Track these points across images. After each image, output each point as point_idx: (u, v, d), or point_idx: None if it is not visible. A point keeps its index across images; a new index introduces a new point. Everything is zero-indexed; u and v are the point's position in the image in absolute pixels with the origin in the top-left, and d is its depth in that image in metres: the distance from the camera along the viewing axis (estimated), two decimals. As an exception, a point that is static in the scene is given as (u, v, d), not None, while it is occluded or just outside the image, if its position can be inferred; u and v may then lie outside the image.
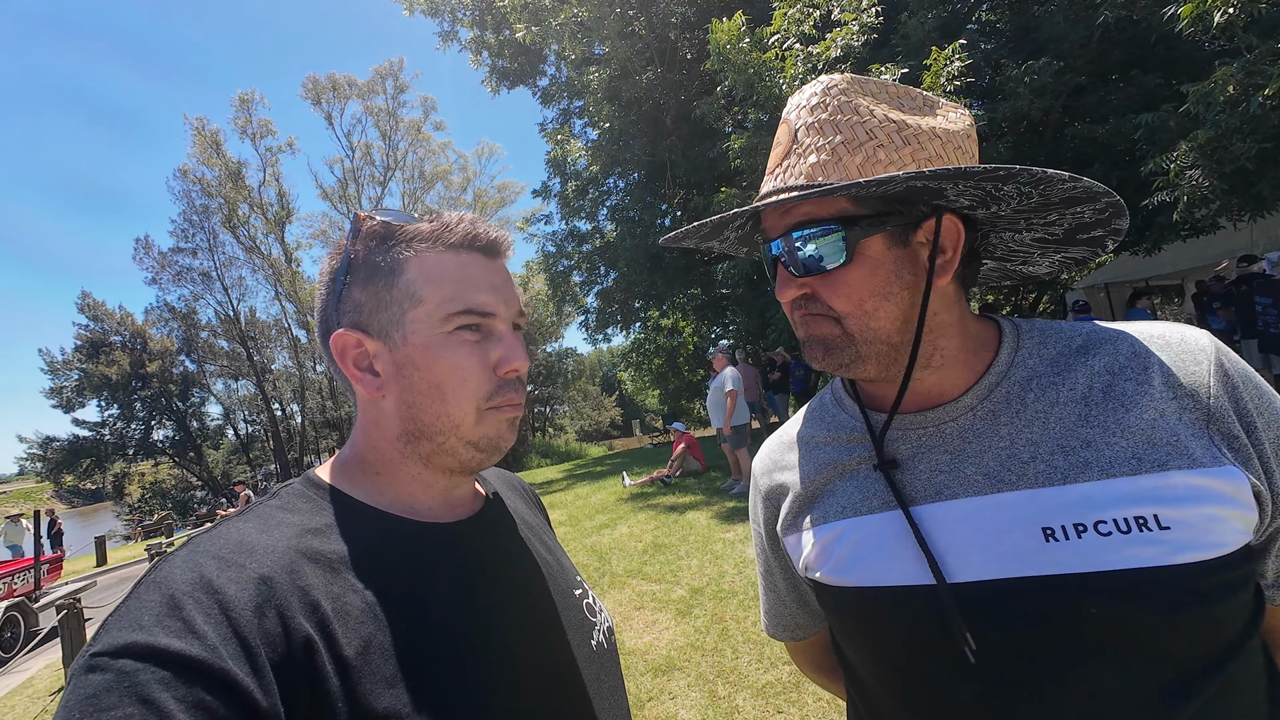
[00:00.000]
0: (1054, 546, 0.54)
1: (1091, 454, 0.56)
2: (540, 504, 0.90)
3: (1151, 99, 6.80)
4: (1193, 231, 7.33)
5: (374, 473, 0.64)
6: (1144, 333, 0.61)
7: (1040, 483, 0.57)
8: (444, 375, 0.59)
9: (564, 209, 15.02)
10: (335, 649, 0.48)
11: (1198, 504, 0.52)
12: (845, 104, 0.61)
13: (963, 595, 0.56)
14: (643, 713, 2.85)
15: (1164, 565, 0.51)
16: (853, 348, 0.61)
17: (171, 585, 0.46)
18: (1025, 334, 0.65)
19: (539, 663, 0.62)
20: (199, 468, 31.83)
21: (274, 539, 0.53)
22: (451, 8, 15.14)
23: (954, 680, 0.57)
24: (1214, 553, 0.51)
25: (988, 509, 0.58)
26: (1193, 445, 0.54)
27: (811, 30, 7.31)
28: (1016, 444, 0.59)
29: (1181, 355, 0.58)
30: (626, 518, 6.92)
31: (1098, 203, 0.57)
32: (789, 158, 0.62)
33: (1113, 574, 0.52)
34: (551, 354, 33.48)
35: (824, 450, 0.73)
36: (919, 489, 0.62)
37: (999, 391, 0.62)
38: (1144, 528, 0.52)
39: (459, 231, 0.62)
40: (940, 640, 0.57)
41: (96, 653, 0.42)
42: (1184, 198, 5.50)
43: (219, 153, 28.22)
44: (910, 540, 0.60)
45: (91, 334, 29.99)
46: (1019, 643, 0.54)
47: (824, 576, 0.67)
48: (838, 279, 0.60)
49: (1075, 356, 0.61)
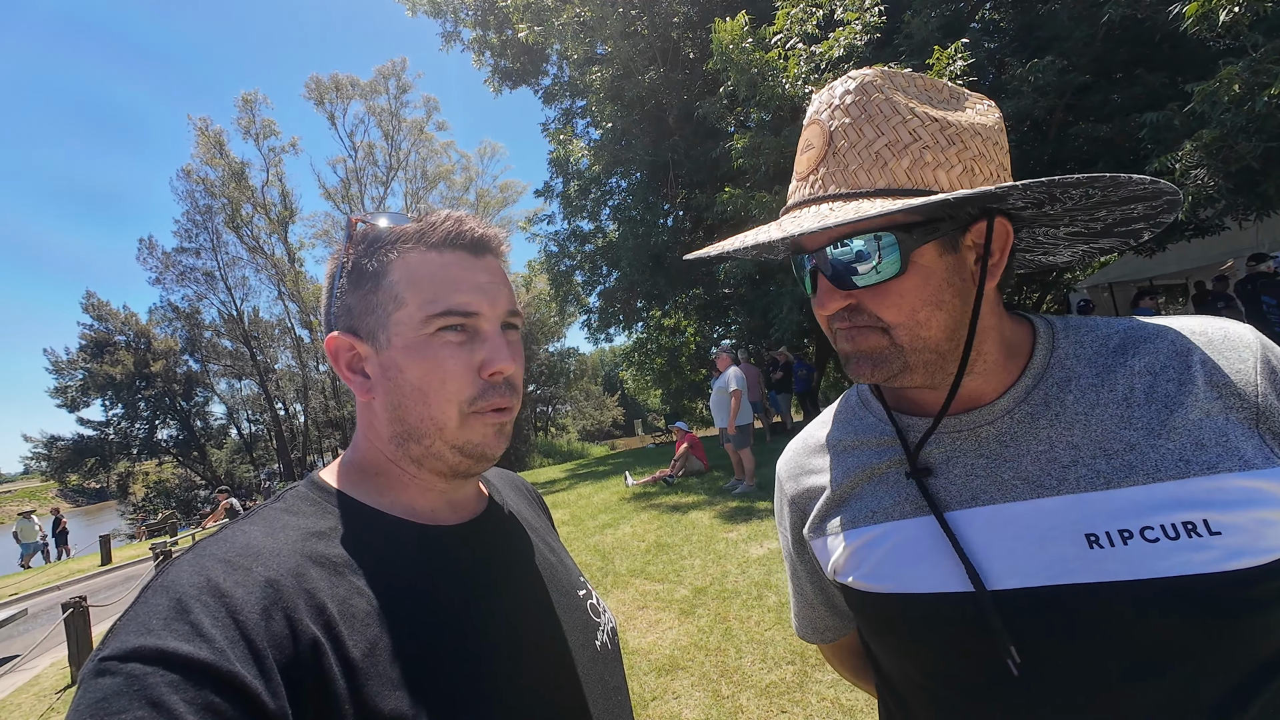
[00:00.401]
0: (1099, 553, 0.52)
1: (1135, 457, 0.54)
2: (543, 505, 0.90)
3: (1156, 98, 6.77)
4: (1197, 231, 7.30)
5: (374, 475, 0.64)
6: (1185, 328, 0.59)
7: (1083, 487, 0.55)
8: (424, 377, 0.59)
9: (566, 209, 15.03)
10: (342, 651, 0.49)
11: (1250, 508, 0.50)
12: (884, 102, 0.57)
13: (1004, 603, 0.55)
14: (646, 712, 2.85)
15: (1216, 572, 0.49)
16: (901, 358, 0.58)
17: (179, 589, 0.46)
18: (1061, 333, 0.63)
19: (543, 664, 0.62)
20: (202, 467, 31.95)
21: (279, 542, 0.53)
22: (454, 8, 15.16)
23: (994, 689, 0.56)
24: (1268, 557, 0.49)
25: (1028, 515, 0.56)
26: (1243, 446, 0.52)
27: (814, 30, 7.31)
28: (1056, 448, 0.57)
29: (1225, 352, 0.56)
30: (629, 517, 6.92)
31: (1158, 200, 0.55)
32: (825, 163, 0.58)
33: (1161, 581, 0.50)
34: (554, 354, 33.53)
35: (852, 454, 0.71)
36: (954, 494, 0.61)
37: (1036, 394, 0.60)
38: (1193, 533, 0.50)
39: (442, 230, 0.61)
40: (980, 648, 0.55)
41: (105, 656, 0.42)
42: (1189, 197, 5.48)
43: (222, 153, 28.32)
44: (947, 546, 0.59)
45: (96, 334, 30.16)
46: (1063, 652, 0.53)
47: (855, 581, 0.65)
48: (889, 290, 0.56)
49: (1114, 356, 0.59)
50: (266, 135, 29.19)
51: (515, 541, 0.72)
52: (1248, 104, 4.93)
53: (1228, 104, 5.06)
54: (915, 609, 0.60)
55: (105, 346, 29.89)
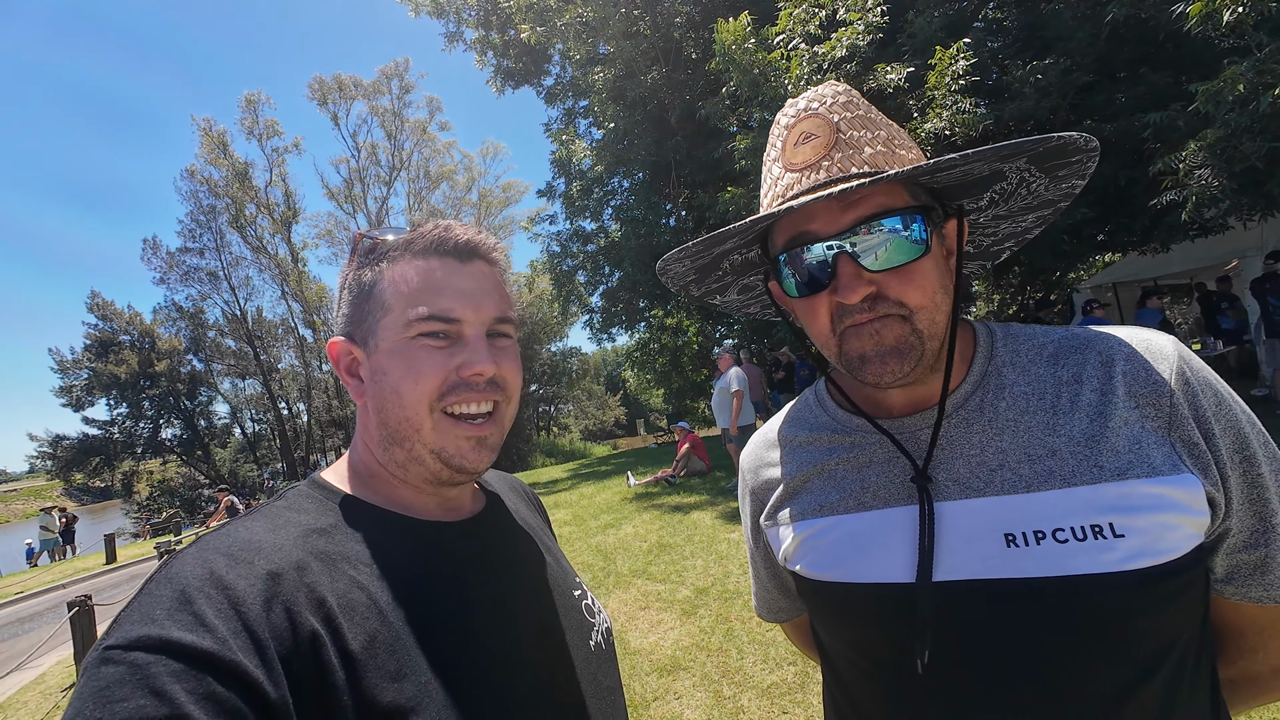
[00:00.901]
0: (1014, 552, 0.57)
1: (1056, 463, 0.58)
2: (541, 506, 0.91)
3: (1160, 98, 6.75)
4: (1201, 231, 7.26)
5: (370, 476, 0.66)
6: (1111, 339, 0.62)
7: (1006, 490, 0.59)
8: (400, 379, 0.60)
9: (569, 209, 15.02)
10: (341, 643, 0.49)
11: (1154, 512, 0.54)
12: (868, 105, 0.64)
13: (926, 594, 0.59)
14: (648, 712, 2.85)
15: (1116, 571, 0.53)
16: (920, 348, 0.59)
17: (182, 581, 0.47)
18: (1000, 341, 0.66)
19: (539, 661, 0.63)
20: (206, 466, 32.07)
21: (281, 537, 0.54)
22: (457, 9, 15.15)
23: (916, 672, 0.60)
24: (1165, 558, 0.53)
25: (957, 514, 0.60)
26: (1153, 453, 0.56)
27: (817, 30, 7.29)
28: (986, 452, 0.61)
29: (1145, 363, 0.59)
30: (631, 518, 6.92)
31: (1077, 159, 0.58)
32: (838, 148, 0.60)
33: (1068, 579, 0.54)
34: (556, 353, 33.52)
35: (805, 450, 0.75)
36: (894, 492, 0.65)
37: (973, 399, 0.64)
38: (1100, 535, 0.54)
39: (429, 237, 0.63)
40: (907, 636, 0.60)
41: (110, 645, 0.43)
42: (1193, 197, 5.45)
43: (226, 153, 28.39)
44: (886, 539, 0.63)
45: (101, 333, 30.27)
46: (976, 640, 0.58)
47: (803, 569, 0.70)
48: (914, 270, 0.58)
49: (1046, 365, 0.63)
50: (270, 135, 29.29)
51: (513, 540, 0.73)
52: (1252, 104, 4.91)
53: (1232, 104, 5.04)
54: (856, 596, 0.65)
55: (110, 346, 30.00)
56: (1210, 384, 0.59)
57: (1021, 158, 0.57)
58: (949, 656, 0.58)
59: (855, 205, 0.58)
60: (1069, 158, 0.58)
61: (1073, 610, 0.54)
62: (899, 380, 0.60)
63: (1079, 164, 0.59)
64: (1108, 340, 0.62)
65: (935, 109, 6.81)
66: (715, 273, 0.76)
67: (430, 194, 31.43)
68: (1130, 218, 7.88)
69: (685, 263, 0.70)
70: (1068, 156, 0.57)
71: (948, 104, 6.69)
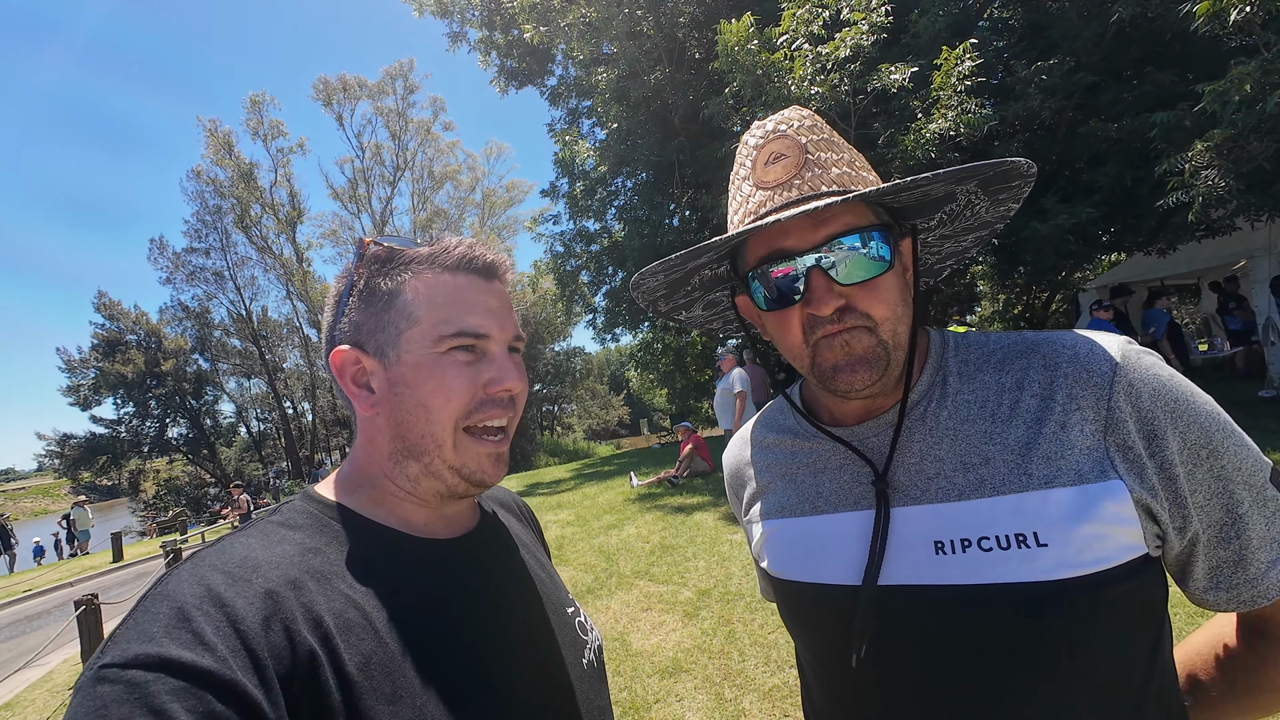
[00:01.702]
0: (941, 559, 0.58)
1: (988, 471, 0.59)
2: (534, 521, 0.91)
3: (1166, 97, 6.69)
4: (1209, 232, 7.21)
5: (370, 489, 0.65)
6: (1057, 343, 0.62)
7: (939, 498, 0.60)
8: (431, 394, 0.60)
9: (572, 209, 15.03)
10: (338, 663, 0.49)
11: (1078, 521, 0.54)
12: (831, 130, 0.67)
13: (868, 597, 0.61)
14: (649, 715, 2.85)
15: (1038, 581, 0.53)
16: (885, 357, 0.62)
17: (180, 598, 0.46)
18: (950, 350, 0.68)
19: (532, 680, 0.63)
20: (212, 465, 32.21)
21: (277, 554, 0.54)
22: (460, 8, 15.18)
23: (850, 672, 0.63)
24: (1091, 569, 0.53)
25: (897, 521, 0.62)
26: (1083, 460, 0.56)
27: (820, 30, 7.26)
28: (925, 460, 0.62)
29: (1087, 367, 0.59)
30: (634, 518, 6.92)
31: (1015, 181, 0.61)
32: (808, 169, 0.63)
33: (990, 587, 0.55)
34: (560, 353, 33.55)
35: (772, 452, 0.79)
36: (841, 497, 0.68)
37: (917, 408, 0.65)
38: (1024, 544, 0.54)
39: (456, 254, 0.63)
40: (845, 635, 0.62)
41: (105, 664, 0.42)
42: (1199, 198, 5.41)
43: (231, 154, 28.52)
44: (835, 543, 0.66)
45: (108, 333, 30.44)
46: (901, 643, 0.60)
47: (767, 567, 0.74)
48: (879, 285, 0.61)
49: (991, 372, 0.64)
50: (275, 136, 29.39)
51: (507, 557, 0.73)
52: (1259, 104, 4.87)
53: (1239, 104, 4.99)
54: (804, 595, 0.68)
55: (117, 346, 30.16)
56: (1160, 382, 0.57)
57: (973, 181, 0.60)
58: (885, 658, 0.60)
59: (826, 222, 0.61)
60: (1010, 182, 0.60)
61: (991, 619, 0.55)
62: (867, 388, 0.62)
63: (1017, 188, 0.62)
64: (1053, 344, 0.62)
65: (940, 109, 6.78)
66: (684, 288, 0.78)
67: (434, 194, 31.51)
68: (1137, 218, 7.81)
69: (659, 277, 0.72)
70: (1009, 181, 0.60)
71: (953, 104, 6.66)
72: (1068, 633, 0.53)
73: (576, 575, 5.07)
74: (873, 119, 7.88)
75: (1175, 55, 7.38)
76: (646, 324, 16.77)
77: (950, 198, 0.64)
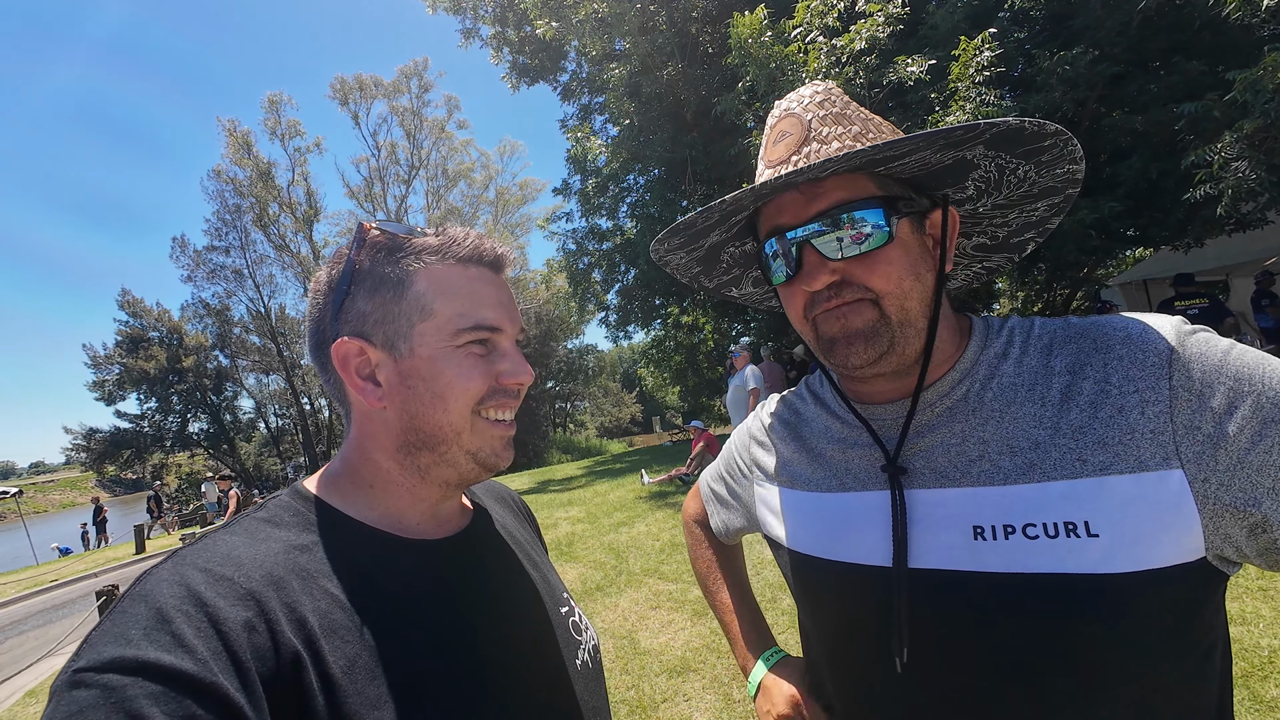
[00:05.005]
0: (980, 545, 0.55)
1: (1037, 456, 0.56)
2: (530, 516, 0.89)
3: (1195, 87, 6.49)
4: (1238, 226, 6.99)
5: (366, 486, 0.63)
6: (1107, 327, 0.59)
7: (981, 482, 0.58)
8: (447, 386, 0.59)
9: (584, 206, 15.03)
10: (322, 666, 0.48)
11: (1135, 511, 0.50)
12: (846, 103, 0.66)
13: (896, 579, 0.59)
14: (657, 714, 2.84)
15: (1087, 573, 0.50)
16: (889, 333, 0.60)
17: (159, 599, 0.45)
18: (995, 332, 0.65)
19: (525, 682, 0.61)
20: (232, 459, 32.89)
21: (261, 553, 0.52)
22: (473, 4, 15.22)
23: (865, 648, 0.62)
24: (1146, 565, 0.49)
25: (929, 503, 0.60)
26: (1144, 445, 0.52)
27: (835, 22, 7.16)
28: (967, 442, 0.60)
29: (1142, 348, 0.55)
30: (644, 516, 6.91)
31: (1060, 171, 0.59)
32: (807, 145, 0.62)
33: (1031, 576, 0.52)
34: (572, 350, 33.66)
35: (806, 425, 0.78)
36: (872, 477, 0.66)
37: (959, 389, 0.63)
38: (1073, 534, 0.51)
39: (467, 246, 0.62)
40: (879, 615, 0.60)
41: (81, 668, 0.40)
42: (1229, 190, 5.25)
43: (250, 153, 28.99)
44: (861, 522, 0.65)
45: (131, 330, 31.21)
46: (945, 628, 0.57)
47: (788, 542, 0.73)
48: (878, 258, 0.59)
49: (1040, 356, 0.61)
50: (292, 135, 29.80)
51: (499, 557, 0.71)
52: (1294, 93, 4.71)
53: (1272, 93, 4.83)
54: (830, 574, 0.67)
55: (140, 342, 30.91)
56: (1221, 353, 0.53)
57: (968, 144, 0.56)
58: (920, 642, 0.58)
59: (818, 198, 0.60)
60: (1026, 144, 0.56)
61: (1029, 609, 0.52)
62: (867, 364, 0.61)
63: (1051, 148, 0.56)
64: (1102, 327, 0.59)
65: (958, 101, 6.65)
66: (719, 264, 0.78)
67: (448, 192, 31.72)
68: (1163, 212, 7.60)
69: (679, 254, 0.72)
70: (1025, 143, 0.56)
71: (971, 96, 6.53)
72: (1111, 632, 0.50)
73: (586, 572, 5.07)
74: (889, 113, 7.76)
75: (1205, 44, 7.15)
76: (659, 321, 16.75)
77: (968, 164, 0.61)
